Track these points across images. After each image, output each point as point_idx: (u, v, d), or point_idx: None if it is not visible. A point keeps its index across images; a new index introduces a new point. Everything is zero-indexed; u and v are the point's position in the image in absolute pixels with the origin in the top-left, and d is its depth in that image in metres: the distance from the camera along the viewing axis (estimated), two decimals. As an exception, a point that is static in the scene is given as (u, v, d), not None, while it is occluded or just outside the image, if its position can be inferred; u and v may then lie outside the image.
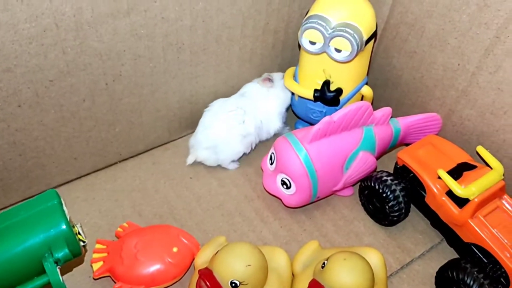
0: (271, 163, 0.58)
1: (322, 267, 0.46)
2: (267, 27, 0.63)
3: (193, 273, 0.50)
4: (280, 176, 0.57)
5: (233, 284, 0.43)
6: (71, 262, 0.50)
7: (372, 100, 0.64)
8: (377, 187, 0.56)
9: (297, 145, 0.54)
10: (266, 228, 0.58)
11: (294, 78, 0.63)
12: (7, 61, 0.47)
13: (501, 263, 0.49)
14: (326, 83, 0.59)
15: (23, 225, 0.43)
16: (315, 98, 0.60)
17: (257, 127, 0.63)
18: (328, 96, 0.59)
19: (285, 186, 0.57)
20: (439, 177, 0.53)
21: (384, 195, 0.55)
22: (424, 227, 0.59)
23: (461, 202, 0.52)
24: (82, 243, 0.46)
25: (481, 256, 0.51)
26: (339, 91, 0.59)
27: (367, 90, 0.62)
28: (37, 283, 0.44)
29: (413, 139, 0.62)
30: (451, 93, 0.59)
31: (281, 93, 0.65)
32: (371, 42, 0.58)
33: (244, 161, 0.65)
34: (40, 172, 0.58)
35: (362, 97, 0.63)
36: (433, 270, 0.54)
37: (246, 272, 0.44)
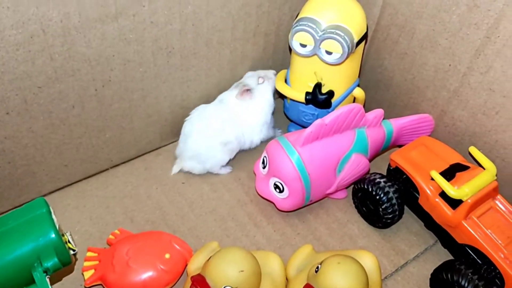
0: (264, 167, 0.58)
1: (316, 271, 0.46)
2: (258, 30, 0.63)
3: (186, 280, 0.49)
4: (273, 180, 0.56)
5: (226, 290, 0.43)
6: (62, 271, 0.50)
7: (364, 102, 0.64)
8: (371, 190, 0.56)
9: (289, 149, 0.54)
10: (260, 233, 0.58)
11: (286, 81, 0.63)
12: (-6, 68, 0.46)
13: (495, 264, 0.49)
14: (318, 86, 0.59)
15: (12, 235, 0.43)
16: (307, 101, 0.60)
17: (238, 137, 0.62)
18: (320, 99, 0.59)
19: (278, 190, 0.56)
20: (432, 179, 0.53)
21: (378, 198, 0.55)
22: (418, 229, 0.58)
23: (455, 203, 0.51)
24: (72, 252, 0.45)
25: (476, 257, 0.51)
26: (331, 94, 0.59)
27: (359, 92, 0.62)
28: (27, 293, 0.43)
29: (406, 141, 0.62)
30: (443, 94, 0.58)
31: (262, 103, 0.62)
32: (362, 44, 0.58)
33: (237, 165, 0.65)
34: (31, 180, 0.57)
35: (354, 99, 0.63)
36: (428, 272, 0.53)
37: (239, 278, 0.44)
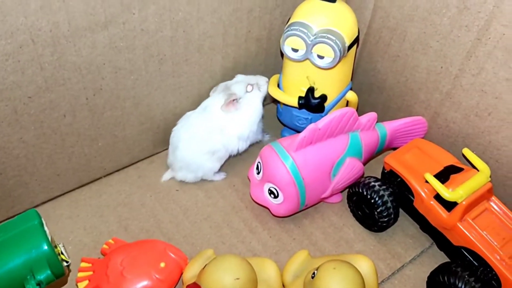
0: (258, 173, 0.58)
1: (312, 277, 0.45)
2: (249, 35, 0.63)
3: (182, 289, 0.49)
4: (267, 186, 0.56)
5: (222, 299, 0.43)
6: (55, 283, 0.49)
7: (358, 105, 0.64)
8: (365, 193, 0.56)
9: (283, 154, 0.54)
10: (255, 239, 0.57)
11: (278, 86, 0.63)
12: (-17, 79, 0.46)
13: (492, 266, 0.49)
14: (310, 90, 0.59)
15: (3, 247, 0.42)
16: (300, 106, 0.60)
17: (226, 145, 0.60)
18: (313, 103, 0.59)
19: (273, 196, 0.56)
20: (427, 181, 0.52)
21: (373, 201, 0.55)
22: (414, 231, 0.58)
23: (450, 206, 0.51)
24: (66, 263, 0.45)
25: (472, 259, 0.51)
26: (324, 98, 0.59)
27: (352, 96, 0.62)
28: (20, 306, 0.43)
29: (400, 143, 0.62)
30: (436, 96, 0.58)
31: (249, 112, 0.60)
32: (354, 48, 0.58)
33: (231, 171, 0.64)
34: (23, 191, 0.57)
35: (347, 103, 0.63)
36: (425, 275, 0.53)
37: (235, 286, 0.44)
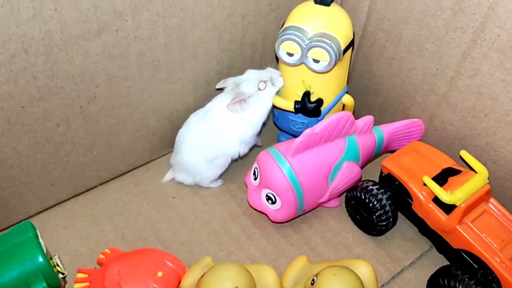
0: (255, 178, 0.57)
1: (312, 284, 0.45)
2: (244, 40, 0.62)
3: (180, 298, 0.49)
4: (265, 191, 0.56)
5: (221, 308, 0.42)
6: (52, 295, 0.49)
7: (354, 108, 0.63)
8: (364, 197, 0.55)
9: (280, 159, 0.54)
10: (254, 245, 0.57)
11: (274, 91, 0.62)
12: (-25, 90, 0.45)
13: (492, 268, 0.48)
14: (306, 94, 0.58)
15: (-2, 260, 0.42)
16: (296, 110, 0.59)
17: (225, 151, 0.60)
18: (309, 107, 0.58)
19: (270, 201, 0.55)
20: (425, 184, 0.52)
21: (371, 205, 0.55)
22: (413, 235, 0.58)
23: (448, 208, 0.51)
24: (61, 275, 0.44)
25: (471, 262, 0.50)
26: (320, 102, 0.59)
27: (348, 99, 0.61)
28: (15, 320, 0.42)
29: (397, 146, 0.62)
30: (432, 98, 0.58)
31: (258, 112, 0.58)
32: (349, 51, 0.57)
33: (228, 177, 0.64)
34: (17, 201, 0.56)
35: (344, 106, 0.63)
36: (425, 278, 0.53)
37: (234, 294, 0.43)
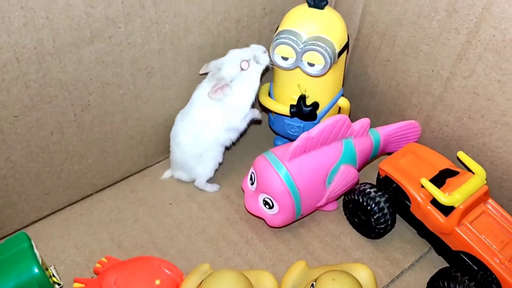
0: (252, 183, 0.57)
1: (311, 289, 0.45)
2: (238, 45, 0.62)
3: (178, 306, 0.48)
4: (262, 196, 0.55)
5: (219, 316, 0.42)
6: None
7: (350, 111, 0.63)
8: (361, 200, 0.55)
9: (277, 164, 0.53)
10: (252, 251, 0.56)
11: (269, 95, 0.62)
12: (-33, 100, 0.45)
13: (491, 270, 0.48)
14: (302, 98, 0.58)
15: (-7, 273, 0.41)
16: (292, 114, 0.59)
17: (212, 142, 0.58)
18: (305, 111, 0.58)
19: (268, 206, 0.55)
20: (423, 186, 0.52)
21: (369, 208, 0.54)
22: (412, 237, 0.58)
23: (447, 210, 0.51)
24: (57, 286, 0.44)
25: (471, 264, 0.50)
26: (316, 105, 0.58)
27: (344, 102, 0.61)
28: (11, 332, 0.41)
29: (394, 148, 0.62)
30: (428, 100, 0.58)
31: (242, 94, 0.56)
32: (344, 54, 0.57)
33: (224, 182, 0.64)
34: (12, 211, 0.55)
35: (339, 109, 0.63)
36: (424, 280, 0.53)
37: (233, 302, 0.43)
